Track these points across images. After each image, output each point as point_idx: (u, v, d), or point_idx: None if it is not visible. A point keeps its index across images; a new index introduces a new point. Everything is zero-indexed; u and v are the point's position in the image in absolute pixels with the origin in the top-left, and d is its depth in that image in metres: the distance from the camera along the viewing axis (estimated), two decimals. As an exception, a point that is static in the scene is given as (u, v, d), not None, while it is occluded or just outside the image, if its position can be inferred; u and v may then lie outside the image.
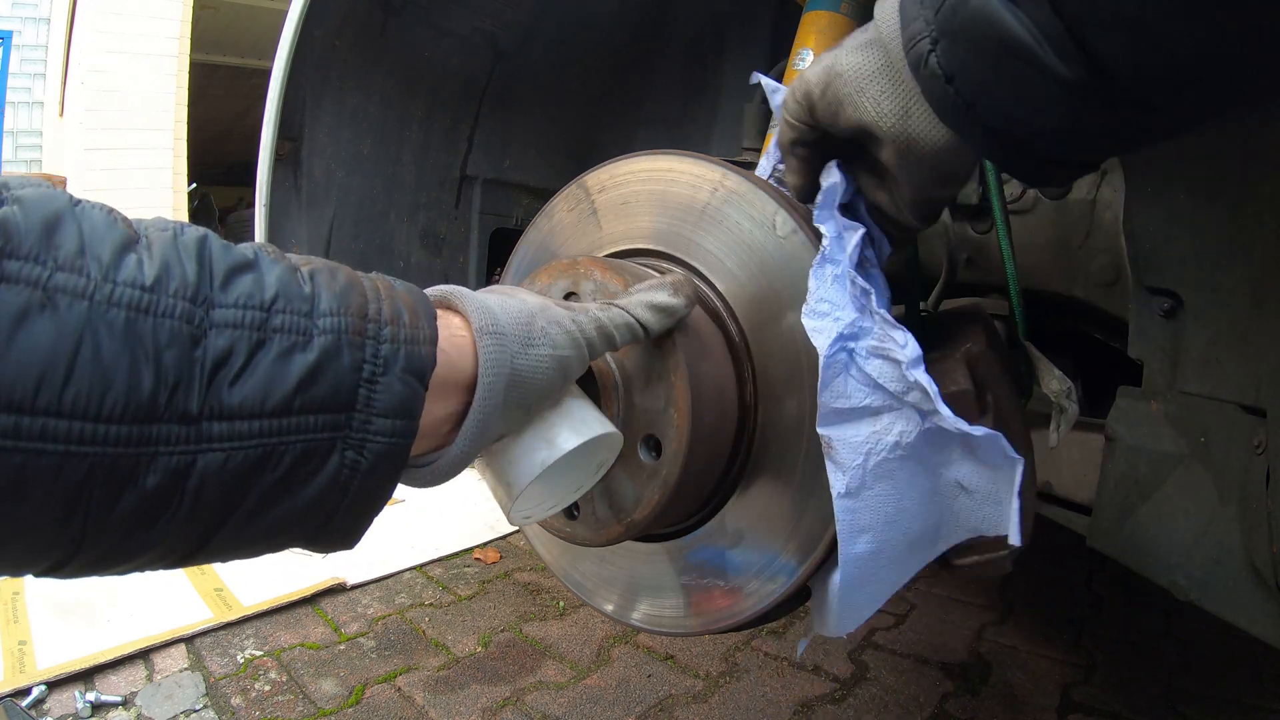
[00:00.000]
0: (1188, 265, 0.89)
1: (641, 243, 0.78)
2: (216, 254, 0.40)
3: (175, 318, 0.37)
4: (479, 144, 1.43)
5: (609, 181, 0.80)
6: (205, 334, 0.38)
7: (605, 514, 0.69)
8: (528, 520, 0.66)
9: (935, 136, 0.54)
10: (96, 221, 0.37)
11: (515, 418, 0.53)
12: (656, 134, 1.60)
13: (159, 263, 0.37)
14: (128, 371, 0.35)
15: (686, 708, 1.43)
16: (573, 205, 0.83)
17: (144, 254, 0.37)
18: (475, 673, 1.55)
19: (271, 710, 1.41)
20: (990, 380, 0.75)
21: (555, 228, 0.85)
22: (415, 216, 1.38)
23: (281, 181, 1.20)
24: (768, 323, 0.72)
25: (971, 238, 1.22)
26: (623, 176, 0.80)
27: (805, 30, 0.94)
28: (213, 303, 0.38)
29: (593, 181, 0.81)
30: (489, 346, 0.49)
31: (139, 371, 0.35)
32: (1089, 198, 1.09)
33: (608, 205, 0.80)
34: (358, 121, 1.26)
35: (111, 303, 0.35)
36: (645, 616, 0.82)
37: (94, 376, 0.34)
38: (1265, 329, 0.78)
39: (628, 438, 0.66)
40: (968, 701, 1.45)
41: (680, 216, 0.76)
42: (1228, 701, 1.48)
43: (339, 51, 1.18)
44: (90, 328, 0.34)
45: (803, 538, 0.71)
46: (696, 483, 0.69)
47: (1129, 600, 1.90)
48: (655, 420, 0.65)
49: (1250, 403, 0.80)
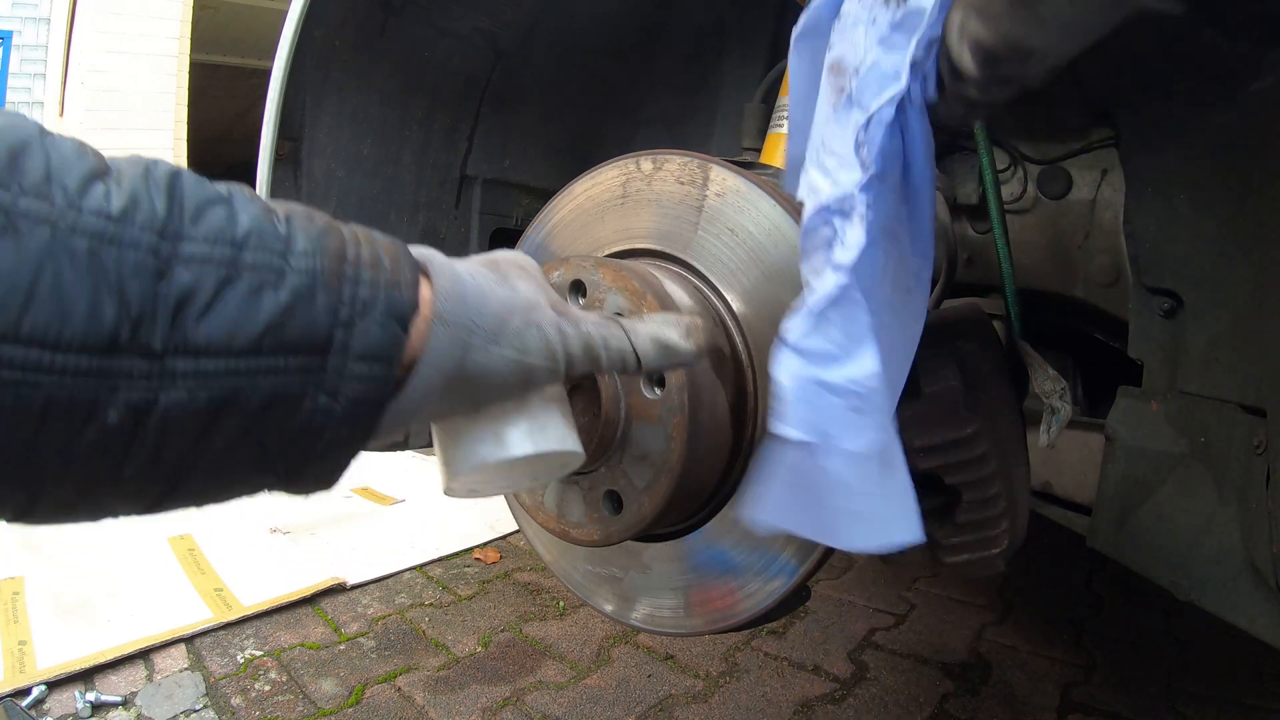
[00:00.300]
0: (1188, 265, 0.89)
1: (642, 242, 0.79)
2: (189, 189, 0.39)
3: (141, 249, 0.36)
4: (479, 144, 1.43)
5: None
6: (171, 267, 0.36)
7: (608, 512, 0.69)
8: (473, 494, 0.64)
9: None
10: (65, 151, 0.36)
11: (460, 406, 0.50)
12: (656, 134, 1.60)
13: (128, 194, 0.36)
14: (89, 301, 0.34)
15: (686, 708, 1.43)
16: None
17: (113, 185, 0.37)
18: (475, 673, 1.55)
19: (271, 710, 1.41)
20: (981, 379, 0.75)
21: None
22: (415, 216, 1.38)
23: (281, 181, 1.20)
24: (770, 322, 0.72)
25: (971, 238, 1.22)
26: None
27: (805, 30, 0.94)
28: (181, 236, 0.37)
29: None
30: (439, 335, 0.45)
31: (101, 302, 0.34)
32: (1089, 198, 1.09)
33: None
34: (358, 121, 1.26)
35: (76, 230, 0.34)
36: (645, 616, 0.82)
37: (55, 304, 0.33)
38: (1265, 329, 0.78)
39: (628, 433, 0.66)
40: (968, 701, 1.45)
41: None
42: (1228, 701, 1.48)
43: (339, 51, 1.18)
44: (52, 255, 0.33)
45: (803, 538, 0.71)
46: (698, 480, 0.69)
47: (1129, 600, 1.90)
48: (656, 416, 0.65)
49: (1250, 403, 0.80)
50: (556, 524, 0.72)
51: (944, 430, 0.73)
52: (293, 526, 2.34)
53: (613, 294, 0.66)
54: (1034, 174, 1.15)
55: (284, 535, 2.26)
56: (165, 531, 2.28)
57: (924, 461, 0.74)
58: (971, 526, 0.75)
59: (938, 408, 0.73)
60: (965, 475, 0.73)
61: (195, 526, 2.33)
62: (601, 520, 0.70)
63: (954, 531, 0.76)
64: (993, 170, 0.94)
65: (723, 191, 0.72)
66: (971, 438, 0.72)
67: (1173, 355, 0.93)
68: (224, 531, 2.29)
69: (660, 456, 0.65)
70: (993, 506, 0.74)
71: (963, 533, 0.76)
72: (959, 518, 0.75)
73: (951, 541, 0.76)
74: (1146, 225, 0.91)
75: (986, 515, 0.75)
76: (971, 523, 0.75)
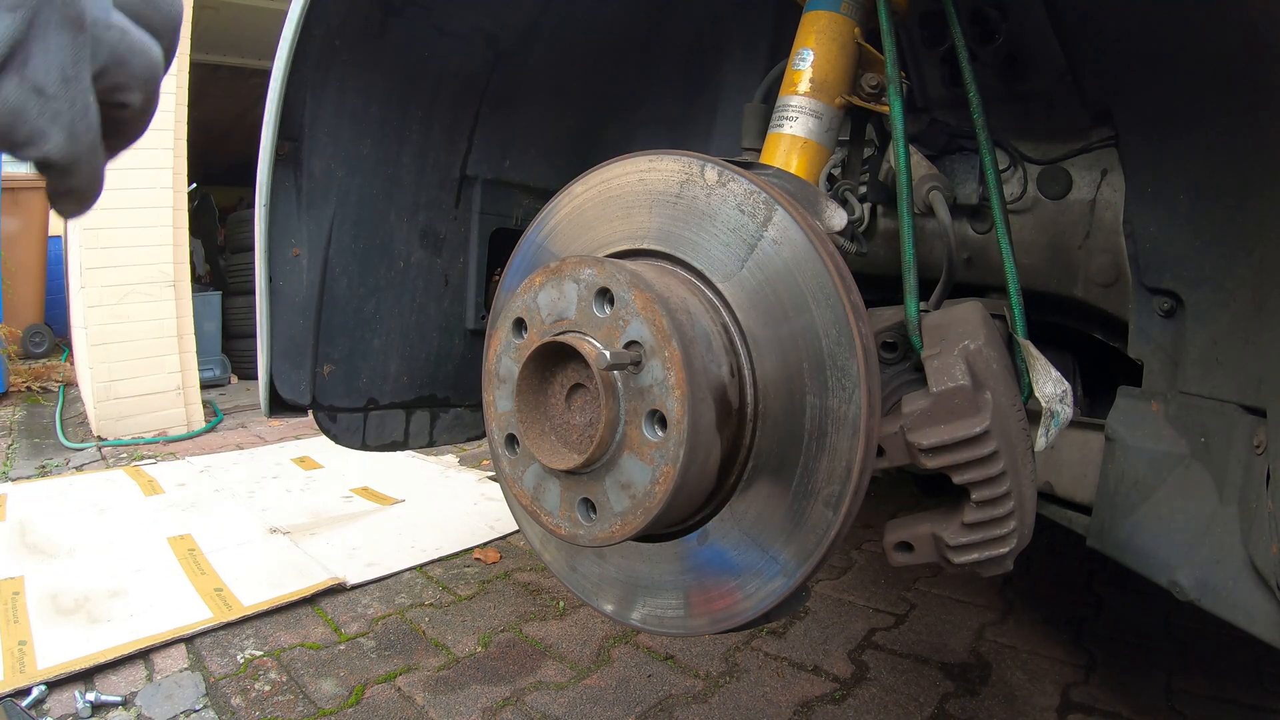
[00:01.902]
0: (1188, 265, 0.89)
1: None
2: None
3: None
4: (479, 144, 1.43)
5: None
6: None
7: (581, 517, 0.70)
8: None
9: None
10: None
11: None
12: (656, 134, 1.60)
13: None
14: None
15: (686, 708, 1.43)
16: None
17: None
18: (475, 673, 1.55)
19: (271, 710, 1.41)
20: (988, 377, 0.75)
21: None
22: (415, 216, 1.38)
23: (281, 181, 1.20)
24: (767, 322, 0.72)
25: (971, 238, 1.22)
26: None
27: (805, 30, 0.94)
28: None
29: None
30: None
31: None
32: (1089, 198, 1.09)
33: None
34: (358, 121, 1.26)
35: None
36: (645, 616, 0.82)
37: None
38: (1265, 329, 0.78)
39: (618, 459, 0.67)
40: (968, 701, 1.45)
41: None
42: (1228, 701, 1.48)
43: (339, 51, 1.18)
44: None
45: (803, 538, 0.71)
46: (672, 514, 0.69)
47: (1129, 600, 1.90)
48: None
49: (1250, 403, 0.80)
50: (531, 504, 0.74)
51: (953, 429, 0.73)
52: (293, 526, 2.34)
53: (637, 321, 0.66)
54: (1034, 174, 1.15)
55: (284, 535, 2.26)
56: (165, 531, 2.28)
57: (933, 461, 0.74)
58: (980, 526, 0.75)
59: (947, 407, 0.73)
60: (974, 474, 0.73)
61: (195, 526, 2.34)
62: (572, 521, 0.71)
63: (963, 531, 0.76)
64: (995, 170, 0.94)
65: (780, 240, 0.72)
66: (981, 436, 0.72)
67: (1173, 355, 0.93)
68: (224, 531, 2.29)
69: (642, 493, 0.66)
70: (1001, 505, 0.74)
71: (971, 532, 0.76)
72: (968, 517, 0.75)
73: (960, 541, 0.76)
74: (1146, 225, 0.91)
75: (995, 515, 0.75)
76: (980, 522, 0.75)
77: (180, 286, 3.72)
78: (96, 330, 3.53)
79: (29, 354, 5.56)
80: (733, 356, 0.73)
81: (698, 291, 0.75)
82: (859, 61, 0.94)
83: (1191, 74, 0.89)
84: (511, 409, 0.74)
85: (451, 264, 1.46)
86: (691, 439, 0.64)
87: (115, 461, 3.23)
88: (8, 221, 5.24)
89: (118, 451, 3.39)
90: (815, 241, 0.70)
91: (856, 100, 0.94)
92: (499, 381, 0.76)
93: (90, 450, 3.42)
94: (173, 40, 0.45)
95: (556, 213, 0.87)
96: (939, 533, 0.78)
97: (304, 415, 1.31)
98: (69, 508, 2.54)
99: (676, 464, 0.64)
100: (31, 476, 3.02)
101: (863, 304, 0.70)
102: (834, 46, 0.92)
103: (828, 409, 0.69)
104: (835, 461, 0.68)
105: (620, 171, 0.81)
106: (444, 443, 1.53)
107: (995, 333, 0.80)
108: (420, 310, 1.42)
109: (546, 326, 0.72)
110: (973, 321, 0.79)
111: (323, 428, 1.33)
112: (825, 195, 0.86)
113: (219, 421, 3.94)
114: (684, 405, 0.63)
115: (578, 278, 0.70)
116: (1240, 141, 0.83)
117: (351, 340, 1.33)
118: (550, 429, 0.73)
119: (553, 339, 0.69)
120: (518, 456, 0.75)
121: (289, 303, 1.24)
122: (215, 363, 4.93)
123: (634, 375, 0.66)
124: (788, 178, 0.86)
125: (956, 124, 1.15)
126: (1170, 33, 0.88)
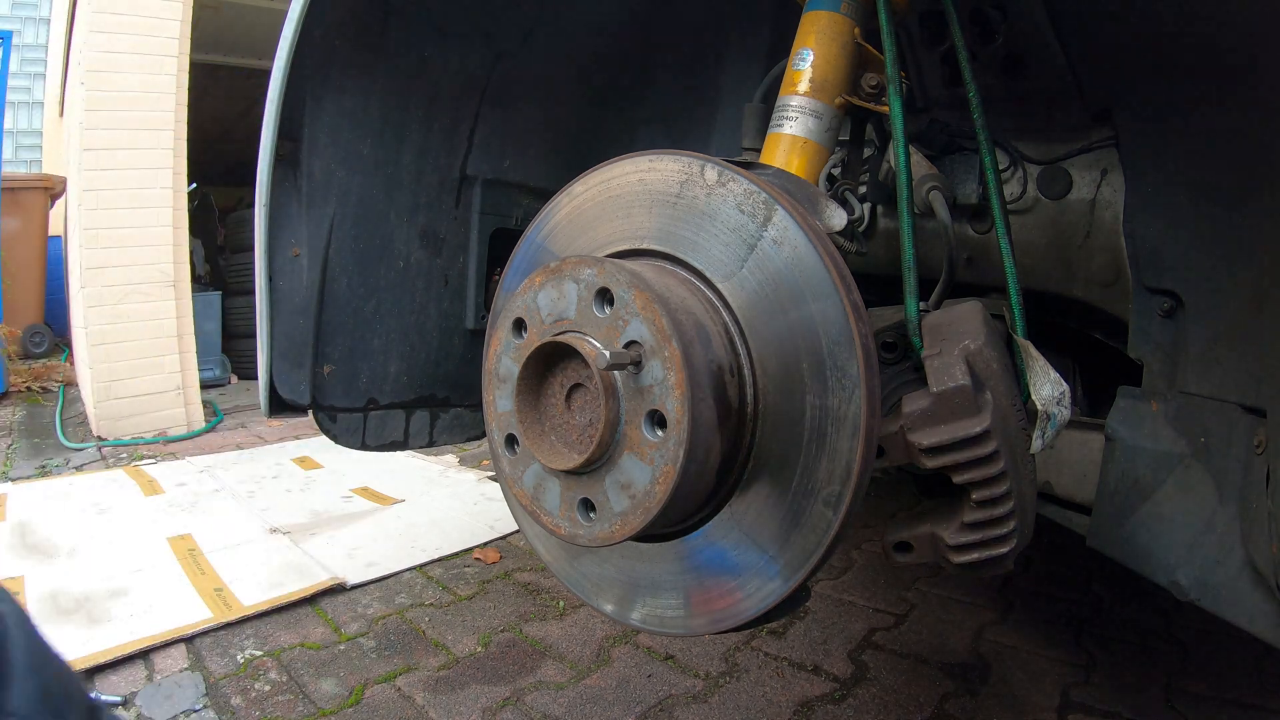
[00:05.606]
0: (1188, 265, 0.89)
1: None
2: None
3: None
4: (479, 144, 1.43)
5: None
6: None
7: (580, 517, 0.70)
8: None
9: None
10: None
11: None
12: (656, 134, 1.60)
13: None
14: None
15: (686, 708, 1.43)
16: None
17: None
18: (475, 673, 1.55)
19: (271, 710, 1.41)
20: (989, 377, 0.75)
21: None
22: (415, 216, 1.38)
23: (281, 181, 1.20)
24: (767, 322, 0.72)
25: (971, 238, 1.22)
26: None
27: (805, 30, 0.94)
28: None
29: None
30: None
31: None
32: (1089, 198, 1.09)
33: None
34: (358, 121, 1.26)
35: None
36: (646, 616, 0.82)
37: None
38: (1265, 329, 0.78)
39: (618, 459, 0.67)
40: (968, 701, 1.45)
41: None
42: (1228, 701, 1.48)
43: (339, 51, 1.18)
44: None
45: (803, 538, 0.71)
46: (672, 514, 0.69)
47: (1129, 600, 1.90)
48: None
49: (1250, 403, 0.80)
50: (530, 504, 0.74)
51: (954, 429, 0.73)
52: (293, 526, 2.34)
53: (637, 321, 0.66)
54: (1034, 174, 1.15)
55: (284, 535, 2.26)
56: (165, 531, 2.28)
57: (933, 461, 0.74)
58: (980, 526, 0.75)
59: (948, 407, 0.73)
60: (974, 474, 0.73)
61: (195, 526, 2.33)
62: (572, 521, 0.71)
63: (962, 531, 0.76)
64: (995, 170, 0.94)
65: (780, 240, 0.72)
66: (981, 436, 0.72)
67: (1173, 355, 0.93)
68: (224, 531, 2.29)
69: (642, 493, 0.66)
70: (1001, 505, 0.74)
71: (971, 532, 0.76)
72: (968, 517, 0.75)
73: (960, 541, 0.76)
74: (1146, 225, 0.91)
75: (996, 514, 0.75)
76: (980, 522, 0.75)
77: (180, 286, 3.72)
78: (96, 330, 3.53)
79: (29, 354, 5.56)
80: (733, 356, 0.73)
81: (697, 291, 0.75)
82: (859, 61, 0.94)
83: (1191, 74, 0.89)
84: (511, 409, 0.74)
85: (451, 264, 1.46)
86: (691, 439, 0.64)
87: (115, 461, 3.23)
88: (8, 221, 5.24)
89: (118, 451, 3.39)
90: (815, 241, 0.70)
91: (856, 100, 0.94)
92: (499, 381, 0.76)
93: (90, 450, 3.42)
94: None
95: (556, 213, 0.87)
96: (939, 533, 0.78)
97: (304, 415, 1.31)
98: (69, 508, 2.54)
99: (676, 464, 0.64)
100: (31, 476, 3.02)
101: (863, 304, 0.70)
102: (834, 46, 0.92)
103: (828, 409, 0.69)
104: (835, 461, 0.68)
105: (620, 171, 0.81)
106: (444, 443, 1.53)
107: (995, 333, 0.80)
108: (420, 310, 1.42)
109: (546, 326, 0.72)
110: (973, 321, 0.79)
111: (322, 428, 1.33)
112: (825, 195, 0.86)
113: (219, 421, 3.94)
114: (684, 405, 0.63)
115: (578, 278, 0.70)
116: (1240, 142, 0.83)
117: (351, 340, 1.33)
118: (550, 429, 0.73)
119: (553, 339, 0.69)
120: (518, 456, 0.75)
121: (289, 303, 1.24)
122: (215, 363, 4.93)
123: (634, 375, 0.66)
124: (788, 178, 0.86)
125: (956, 124, 1.15)
126: (1170, 33, 0.88)
